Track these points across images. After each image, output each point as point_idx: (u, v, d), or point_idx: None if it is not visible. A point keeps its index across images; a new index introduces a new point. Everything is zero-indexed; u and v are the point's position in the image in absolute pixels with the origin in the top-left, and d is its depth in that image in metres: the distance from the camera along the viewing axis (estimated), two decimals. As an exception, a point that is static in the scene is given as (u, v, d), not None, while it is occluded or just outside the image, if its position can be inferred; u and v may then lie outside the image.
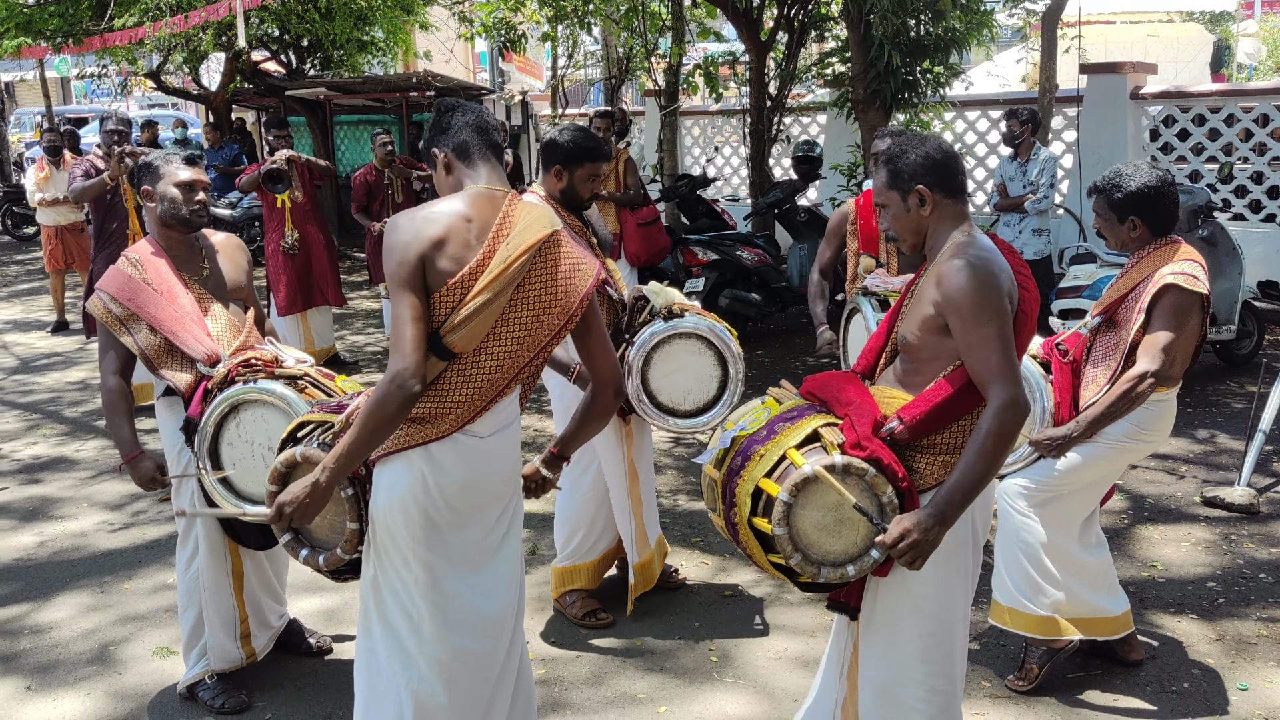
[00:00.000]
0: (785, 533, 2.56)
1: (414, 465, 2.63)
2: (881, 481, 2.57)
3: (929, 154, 2.67)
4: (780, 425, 2.69)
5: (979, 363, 2.52)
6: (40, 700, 3.80)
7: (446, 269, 2.56)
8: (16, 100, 31.32)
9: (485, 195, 2.67)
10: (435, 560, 2.68)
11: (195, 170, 3.56)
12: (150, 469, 3.46)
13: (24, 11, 12.20)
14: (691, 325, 4.02)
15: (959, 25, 7.83)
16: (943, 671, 2.72)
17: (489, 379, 2.63)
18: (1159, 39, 17.28)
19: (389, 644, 2.73)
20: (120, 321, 3.45)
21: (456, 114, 2.75)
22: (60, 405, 7.63)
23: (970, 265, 2.54)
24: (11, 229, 16.64)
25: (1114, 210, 3.59)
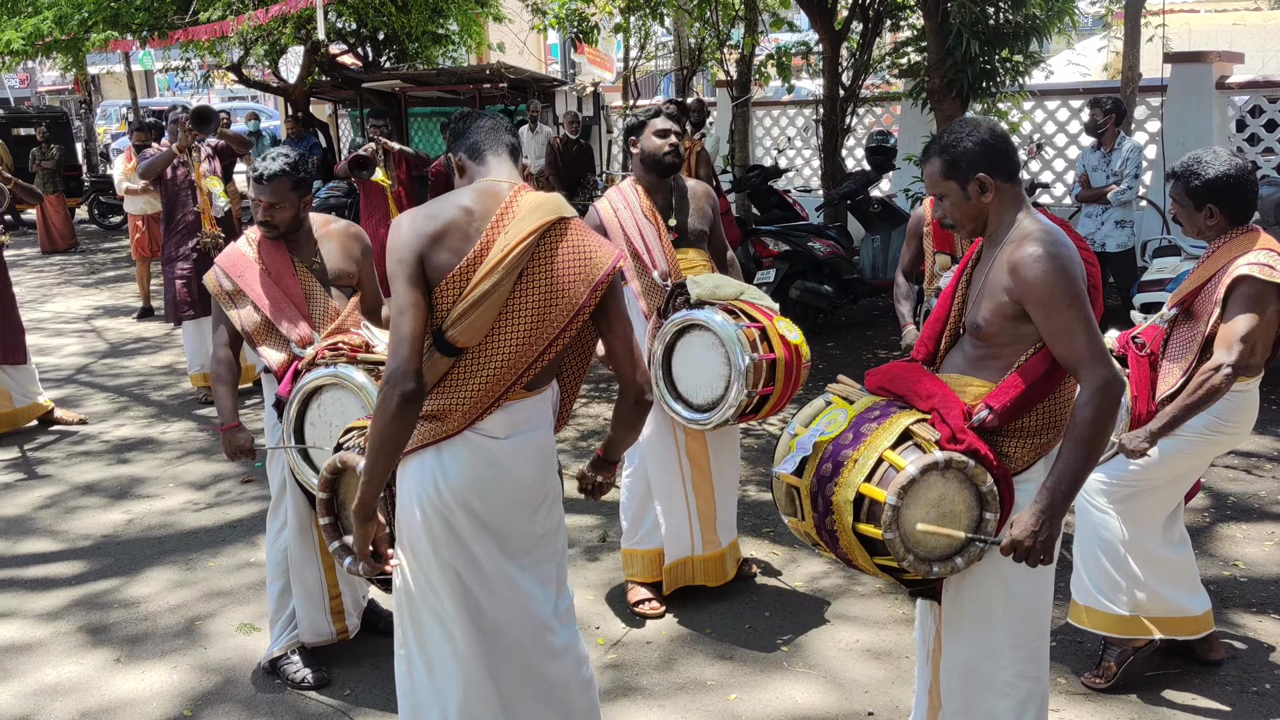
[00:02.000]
0: (896, 536, 2.53)
1: (425, 465, 2.62)
2: (981, 472, 2.57)
3: (985, 140, 2.65)
4: (867, 426, 2.65)
5: (1067, 348, 2.51)
6: (129, 672, 3.94)
7: (446, 262, 2.54)
8: (103, 93, 32.22)
9: (490, 187, 2.65)
10: (457, 562, 2.64)
11: (258, 188, 3.61)
12: (244, 441, 3.66)
13: (111, 6, 12.52)
14: (703, 319, 3.94)
15: (1039, 13, 7.69)
16: (1031, 657, 2.71)
17: (497, 374, 2.58)
18: (1245, 28, 16.80)
19: (424, 644, 2.71)
20: (229, 296, 3.64)
21: (470, 119, 2.79)
22: (147, 389, 7.86)
23: (1047, 253, 2.53)
24: (99, 218, 17.15)
25: (1191, 197, 3.51)
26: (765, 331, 3.96)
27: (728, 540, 4.37)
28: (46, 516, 5.43)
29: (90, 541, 5.11)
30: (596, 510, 5.24)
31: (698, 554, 4.29)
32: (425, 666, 2.72)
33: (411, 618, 2.72)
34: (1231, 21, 17.15)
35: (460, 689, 2.69)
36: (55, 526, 5.30)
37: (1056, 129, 10.54)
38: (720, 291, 4.04)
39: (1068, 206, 9.24)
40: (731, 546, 4.41)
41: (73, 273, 13.35)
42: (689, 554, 4.28)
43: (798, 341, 4.01)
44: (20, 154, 15.29)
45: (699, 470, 4.24)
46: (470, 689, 2.69)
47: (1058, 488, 2.49)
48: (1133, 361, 3.62)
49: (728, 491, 4.33)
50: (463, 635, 2.66)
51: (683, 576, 4.31)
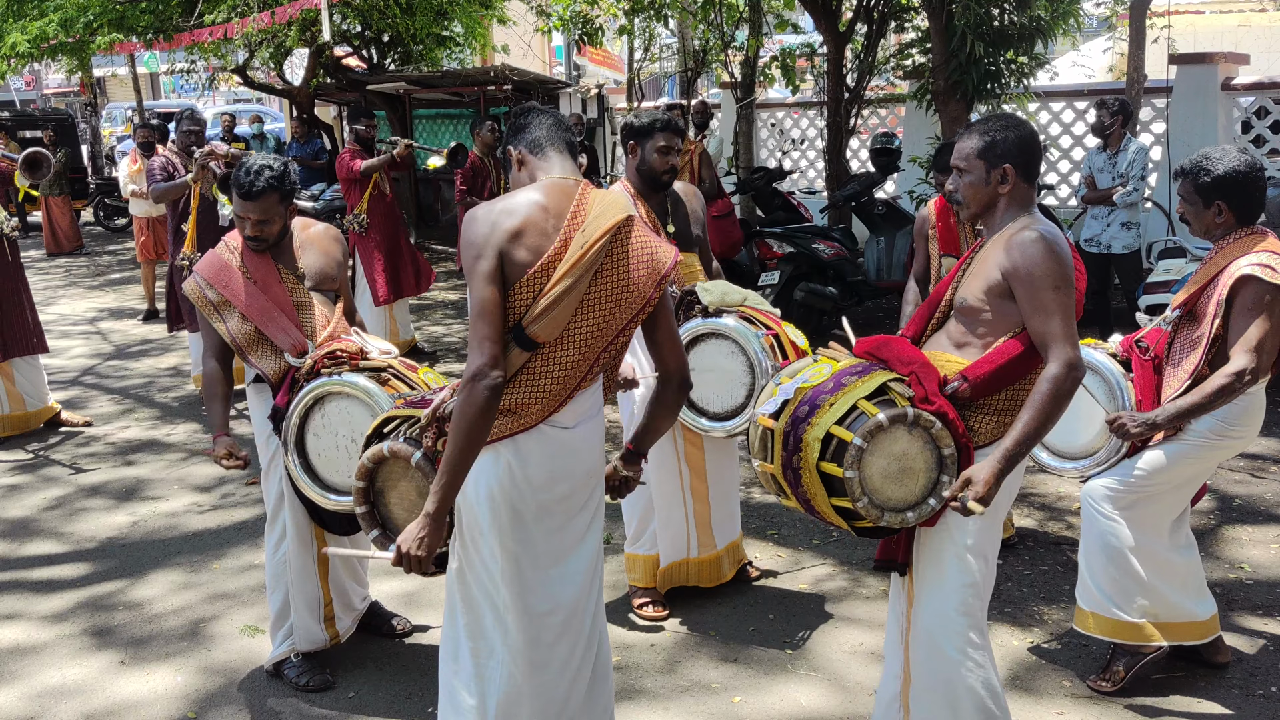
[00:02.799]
0: (856, 476, 2.75)
1: (501, 458, 2.66)
2: (945, 436, 2.76)
3: (1024, 137, 2.86)
4: (848, 378, 2.86)
5: (1043, 324, 2.70)
6: (134, 674, 3.94)
7: (525, 259, 2.58)
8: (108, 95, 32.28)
9: (559, 184, 2.70)
10: (520, 551, 2.70)
11: (244, 205, 3.52)
12: (226, 445, 3.52)
13: (116, 9, 12.54)
14: (724, 327, 3.93)
15: (1044, 14, 7.69)
16: (977, 626, 2.89)
17: (571, 367, 2.65)
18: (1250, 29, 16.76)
19: (473, 633, 2.77)
20: (214, 307, 3.57)
21: (531, 114, 2.82)
22: (153, 390, 7.87)
23: (1043, 237, 2.75)
24: (104, 220, 17.18)
25: (1200, 194, 3.49)
26: (779, 338, 3.98)
27: (724, 542, 4.37)
28: (51, 518, 5.44)
29: (95, 543, 5.12)
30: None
31: (693, 556, 4.30)
32: (472, 655, 2.78)
33: (465, 606, 2.77)
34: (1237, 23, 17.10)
35: (505, 677, 2.75)
36: (60, 528, 5.31)
37: (1061, 130, 10.53)
38: (729, 298, 4.05)
39: (1073, 208, 9.24)
40: (730, 548, 4.40)
41: (78, 275, 13.37)
42: (685, 556, 4.29)
43: (804, 347, 4.03)
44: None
45: (697, 475, 4.24)
46: (514, 678, 2.75)
47: (1012, 450, 2.69)
48: (1136, 365, 3.62)
49: (724, 495, 4.33)
50: (515, 623, 2.72)
51: (678, 578, 4.32)
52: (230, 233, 3.72)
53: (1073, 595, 4.29)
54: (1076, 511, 5.17)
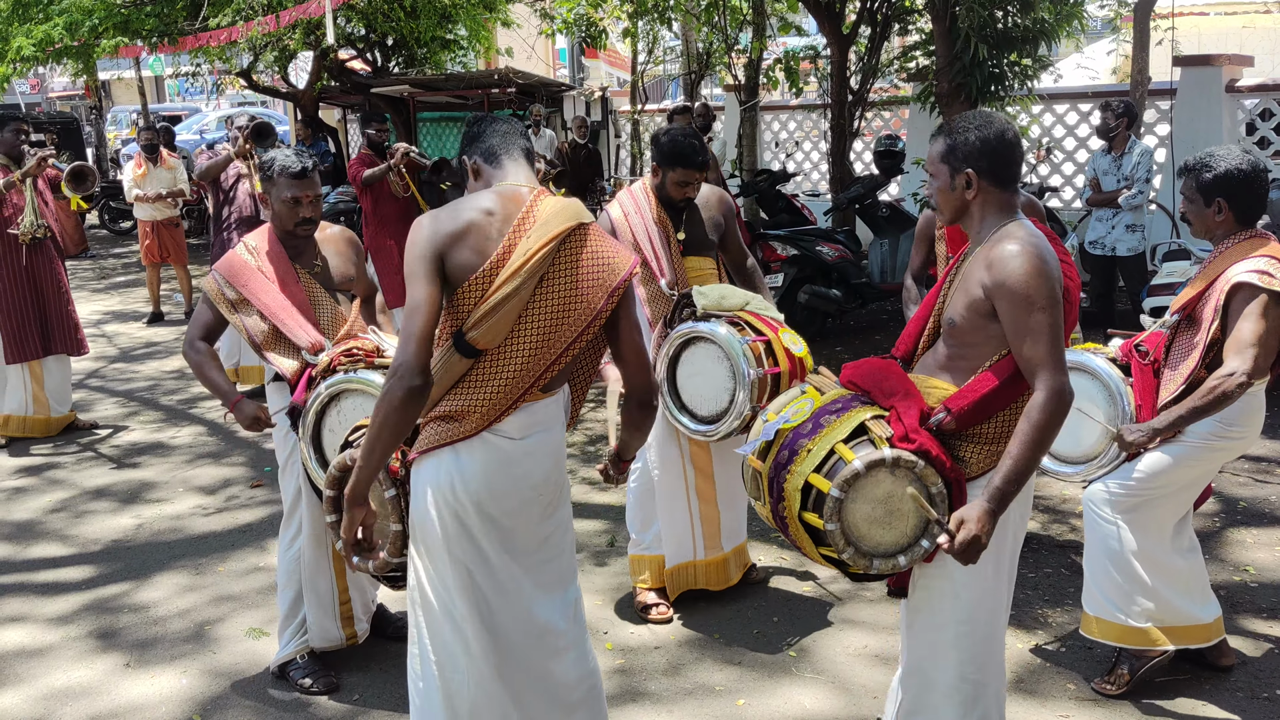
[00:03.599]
0: (837, 528, 2.59)
1: (442, 465, 2.64)
2: (931, 473, 2.59)
3: (987, 139, 2.63)
4: (826, 418, 2.68)
5: (1029, 349, 2.52)
6: (139, 676, 3.95)
7: (468, 262, 2.56)
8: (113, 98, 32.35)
9: (510, 190, 2.67)
10: (470, 561, 2.67)
11: (300, 185, 3.60)
12: (253, 409, 3.63)
13: (121, 12, 12.57)
14: (709, 332, 3.94)
15: (1048, 16, 7.68)
16: (974, 659, 2.74)
17: (515, 376, 2.61)
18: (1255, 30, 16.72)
19: (436, 646, 2.73)
20: (232, 305, 3.62)
21: (485, 123, 2.80)
22: (157, 393, 7.89)
23: (1024, 251, 2.53)
24: (109, 223, 17.21)
25: (1201, 191, 3.49)
26: (770, 345, 3.97)
27: (731, 545, 4.37)
28: (56, 521, 5.45)
29: (100, 546, 5.13)
30: (605, 516, 5.24)
31: (699, 559, 4.29)
32: (436, 667, 2.74)
33: (425, 618, 2.74)
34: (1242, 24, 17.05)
35: (471, 688, 2.72)
36: (65, 531, 5.32)
37: (1065, 133, 10.52)
38: (726, 302, 4.04)
39: (1078, 210, 9.23)
40: (736, 551, 4.40)
41: (83, 278, 13.40)
42: (690, 559, 4.29)
43: (802, 354, 4.03)
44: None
45: (704, 476, 4.24)
46: (480, 688, 2.72)
47: (1003, 488, 2.52)
48: (1136, 370, 3.61)
49: (733, 498, 4.33)
50: (474, 634, 2.69)
51: (685, 581, 4.31)
52: (250, 233, 3.75)
53: (1077, 599, 4.29)
54: (1080, 514, 5.17)
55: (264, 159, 3.67)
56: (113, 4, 12.52)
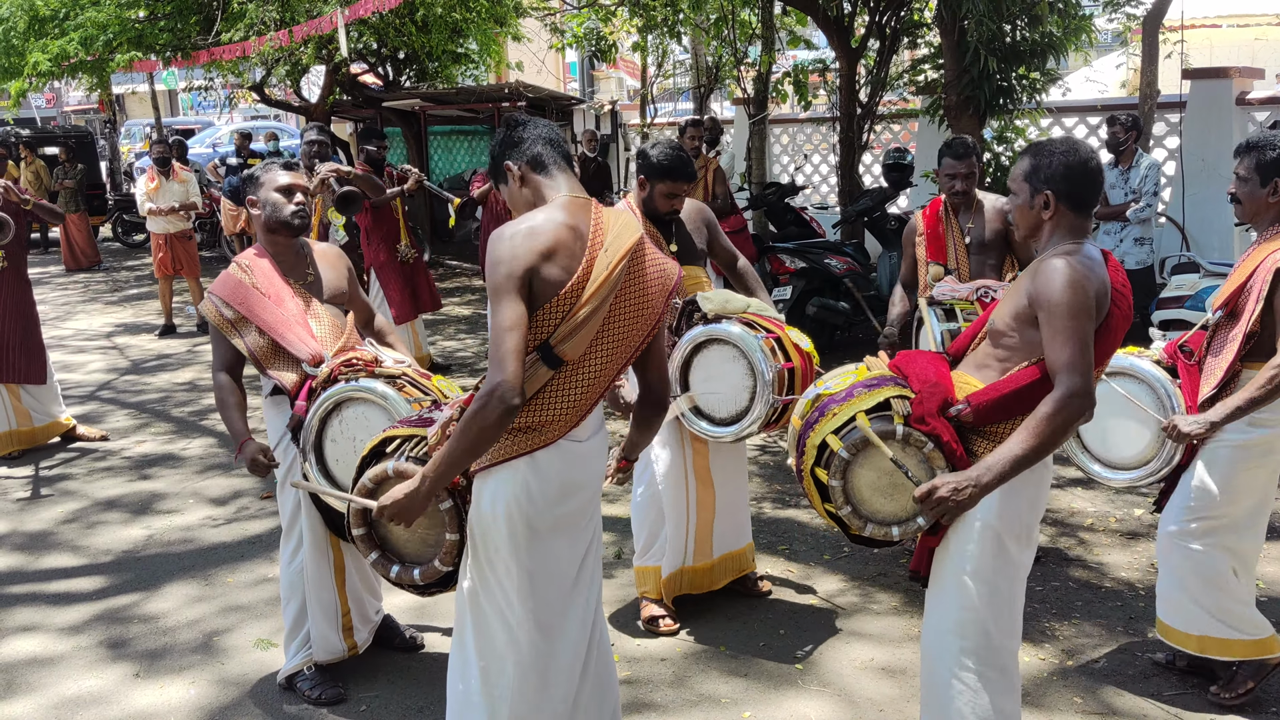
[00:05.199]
0: (840, 485, 2.83)
1: (519, 473, 2.67)
2: (938, 456, 2.75)
3: (1071, 165, 2.78)
4: (859, 390, 2.90)
5: (1055, 351, 2.65)
6: (148, 686, 3.97)
7: (556, 278, 2.58)
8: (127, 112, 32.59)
9: (578, 204, 2.70)
10: (536, 567, 2.72)
11: (294, 175, 3.71)
12: (253, 450, 3.57)
13: (135, 27, 12.69)
14: (724, 332, 3.96)
15: (1056, 30, 7.70)
16: (973, 650, 2.85)
17: (591, 384, 2.68)
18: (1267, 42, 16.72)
19: (484, 651, 2.77)
20: (231, 324, 3.62)
21: (527, 128, 2.78)
22: (169, 405, 7.93)
23: (1068, 264, 2.68)
24: (122, 236, 17.34)
25: (1259, 171, 3.44)
26: (780, 341, 3.99)
27: (721, 552, 4.39)
28: (68, 531, 5.49)
29: (111, 557, 5.16)
30: (611, 528, 5.25)
31: (688, 565, 4.32)
32: (482, 673, 2.79)
33: (475, 624, 2.78)
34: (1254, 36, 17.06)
35: (515, 695, 2.77)
36: (77, 541, 5.35)
37: (1074, 146, 10.51)
38: (730, 305, 4.07)
39: (1086, 223, 9.21)
40: (727, 558, 4.41)
41: (96, 290, 13.49)
42: (681, 565, 4.31)
43: (810, 349, 4.08)
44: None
45: (703, 484, 4.27)
46: (525, 695, 2.77)
47: (993, 464, 2.65)
48: (1183, 371, 3.59)
49: (731, 505, 4.35)
50: (527, 640, 2.74)
51: (675, 587, 4.34)
52: (244, 252, 3.78)
53: (1084, 612, 4.30)
54: (1089, 527, 5.16)
55: (246, 172, 3.73)
56: (127, 19, 12.65)
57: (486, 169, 8.59)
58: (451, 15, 13.63)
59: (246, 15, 11.59)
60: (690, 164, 4.12)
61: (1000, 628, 2.87)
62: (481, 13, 14.04)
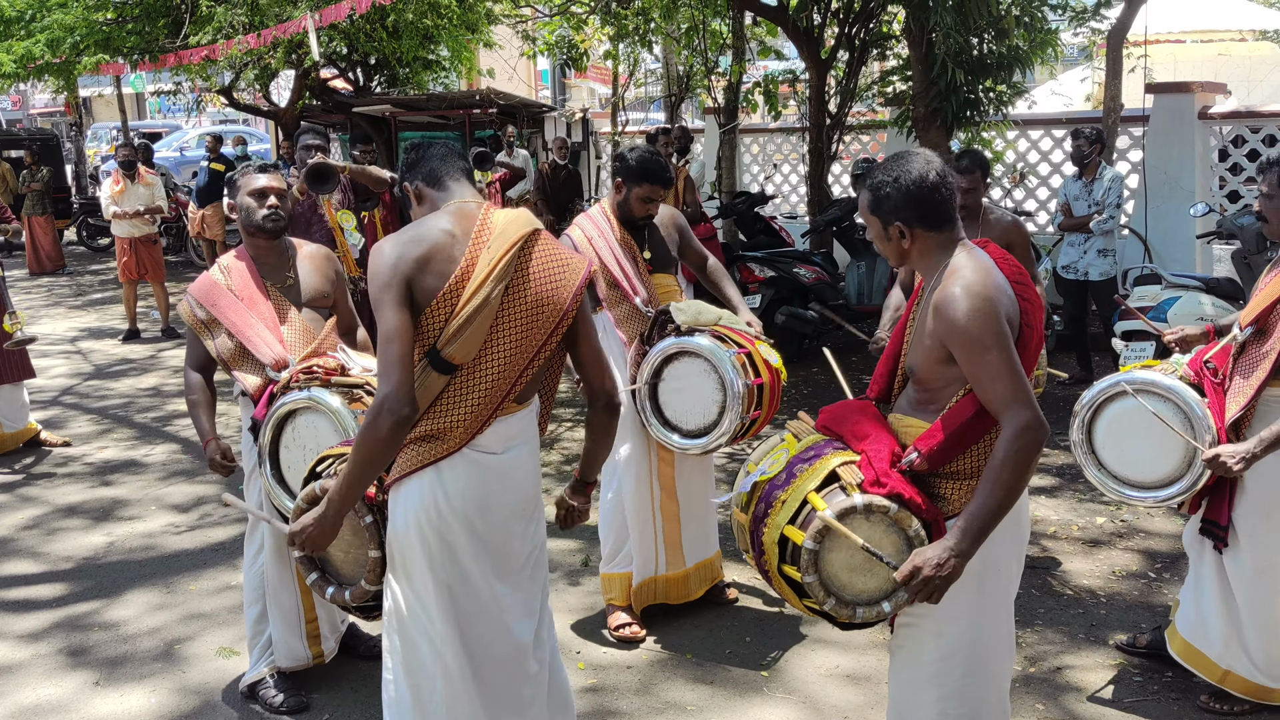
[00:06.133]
0: (815, 580, 2.54)
1: (425, 485, 2.64)
2: (906, 516, 2.52)
3: (908, 188, 2.55)
4: (799, 467, 2.64)
5: (987, 392, 2.46)
6: (108, 694, 3.92)
7: (433, 285, 2.58)
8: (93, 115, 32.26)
9: (462, 208, 2.71)
10: (454, 581, 2.68)
11: (268, 177, 3.71)
12: (214, 450, 3.62)
13: (102, 29, 12.57)
14: (696, 345, 3.97)
15: (1023, 44, 7.79)
16: (955, 694, 2.65)
17: (491, 388, 2.64)
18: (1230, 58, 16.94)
19: (411, 669, 2.73)
20: (204, 325, 3.64)
21: (422, 149, 2.83)
22: (132, 410, 7.85)
23: (965, 293, 2.46)
24: (86, 240, 17.15)
25: None
26: (751, 356, 4.01)
27: (694, 560, 4.39)
28: (29, 538, 5.42)
29: (72, 563, 5.10)
30: (578, 535, 5.24)
31: (661, 574, 4.32)
32: (412, 691, 2.74)
33: (401, 641, 2.73)
34: (1218, 52, 17.28)
35: (446, 710, 2.72)
36: (37, 548, 5.28)
37: (1040, 158, 10.64)
38: (702, 318, 4.08)
39: (1052, 235, 9.33)
40: (700, 566, 4.42)
41: (60, 294, 13.34)
42: (653, 574, 4.31)
43: (778, 365, 4.08)
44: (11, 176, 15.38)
45: (667, 493, 4.28)
46: (455, 710, 2.72)
47: (968, 528, 2.44)
48: (1210, 390, 3.46)
49: (696, 514, 4.36)
50: (453, 657, 2.70)
51: (649, 596, 4.34)
52: (228, 253, 3.78)
53: (1047, 620, 4.34)
54: (1052, 535, 5.21)
55: (227, 176, 3.72)
56: (94, 21, 12.52)
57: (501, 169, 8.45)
58: (423, 21, 13.60)
59: (215, 18, 11.51)
60: (668, 169, 4.15)
61: (989, 664, 2.69)
62: (453, 19, 14.02)
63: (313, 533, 2.62)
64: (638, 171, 4.10)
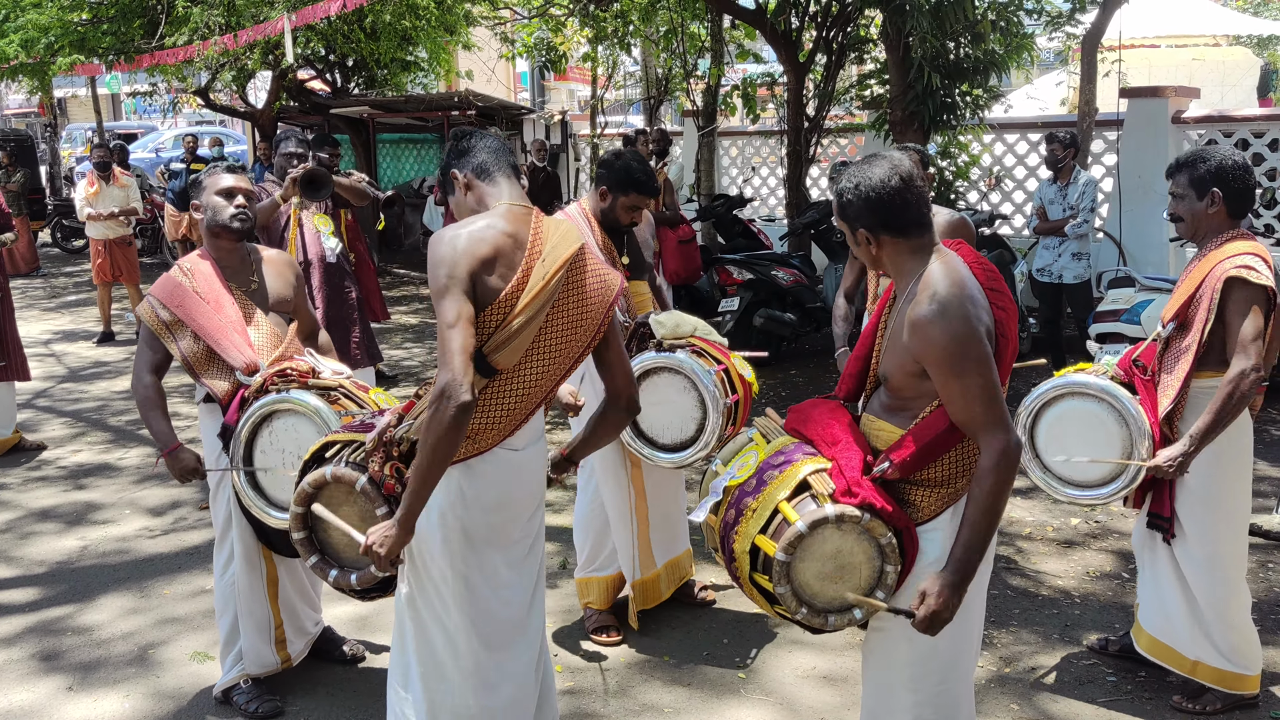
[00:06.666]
0: (788, 590, 2.54)
1: (453, 481, 2.67)
2: (878, 525, 2.52)
3: (868, 196, 2.51)
4: (769, 474, 2.62)
5: (964, 413, 2.43)
6: (81, 700, 3.89)
7: (494, 286, 2.60)
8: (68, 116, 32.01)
9: (519, 213, 2.72)
10: (471, 573, 2.73)
11: (235, 177, 3.68)
12: (189, 460, 3.58)
13: (78, 30, 12.48)
14: (677, 363, 3.97)
15: (998, 48, 7.85)
16: (931, 702, 2.65)
17: (527, 393, 2.69)
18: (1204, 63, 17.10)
19: (423, 657, 2.78)
20: (166, 327, 3.57)
21: (474, 138, 2.82)
22: (106, 414, 7.79)
23: (942, 311, 2.40)
24: (61, 242, 17.00)
25: (1194, 186, 3.50)
26: (728, 372, 4.02)
27: (663, 560, 4.39)
28: (1, 542, 5.36)
29: (45, 568, 5.05)
30: (558, 538, 5.24)
31: (635, 578, 4.32)
32: (422, 679, 2.78)
33: (416, 630, 2.78)
34: (1192, 57, 17.43)
35: (456, 702, 2.77)
36: (10, 552, 5.23)
37: (1015, 161, 10.71)
38: (680, 330, 4.10)
39: (1027, 238, 9.38)
40: (669, 565, 4.42)
41: (34, 296, 13.22)
42: (632, 578, 4.32)
43: (751, 379, 4.11)
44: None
45: (640, 496, 4.28)
46: (465, 703, 2.76)
47: (966, 558, 2.44)
48: (1140, 387, 3.58)
49: (664, 514, 4.36)
50: (465, 646, 2.74)
51: (635, 601, 4.34)
52: (189, 255, 3.74)
53: (1021, 619, 4.37)
54: (1027, 536, 5.25)
55: (192, 177, 3.70)
56: (69, 22, 12.43)
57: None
58: (401, 23, 13.57)
59: (191, 19, 11.45)
60: (655, 179, 4.14)
61: (960, 670, 2.70)
62: (431, 21, 13.99)
63: (390, 540, 2.58)
64: (626, 182, 4.07)
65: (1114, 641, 4.03)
